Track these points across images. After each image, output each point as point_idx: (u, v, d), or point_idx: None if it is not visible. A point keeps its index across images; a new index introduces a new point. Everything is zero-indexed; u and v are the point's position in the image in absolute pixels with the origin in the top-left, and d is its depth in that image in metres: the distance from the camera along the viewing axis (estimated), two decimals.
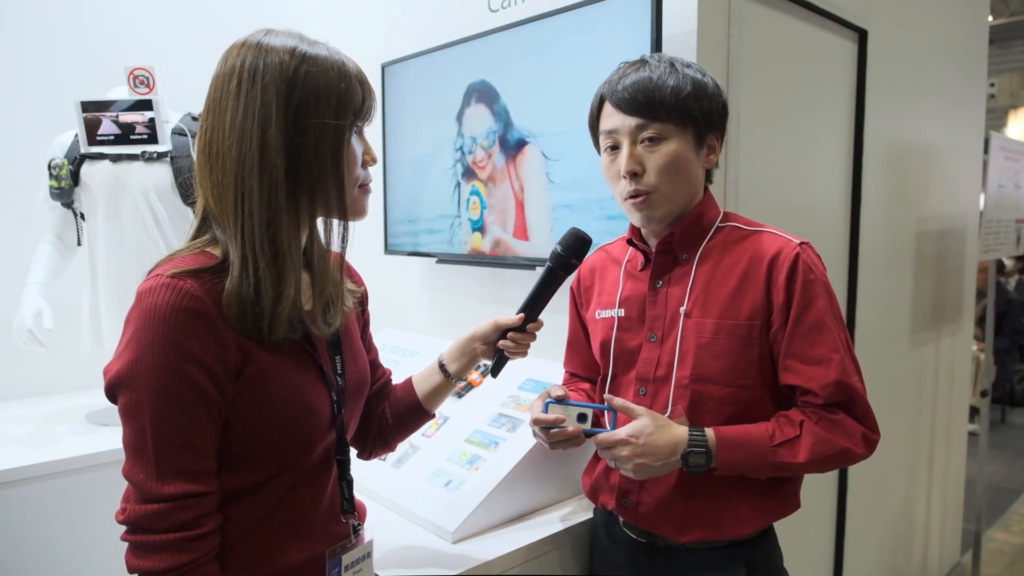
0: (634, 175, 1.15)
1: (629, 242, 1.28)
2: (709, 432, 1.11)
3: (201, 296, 0.85)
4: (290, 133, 0.88)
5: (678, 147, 1.14)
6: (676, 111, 1.13)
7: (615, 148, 1.18)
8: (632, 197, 1.17)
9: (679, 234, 1.20)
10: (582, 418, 1.18)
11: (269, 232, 0.88)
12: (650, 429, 1.11)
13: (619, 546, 1.30)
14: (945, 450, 3.01)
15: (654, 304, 1.22)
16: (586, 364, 1.41)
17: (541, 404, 1.22)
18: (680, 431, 1.12)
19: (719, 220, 1.23)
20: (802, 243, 1.15)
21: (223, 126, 0.88)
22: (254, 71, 0.87)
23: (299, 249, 0.92)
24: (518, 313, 1.19)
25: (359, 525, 1.07)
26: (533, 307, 1.19)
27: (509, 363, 1.22)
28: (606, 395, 1.20)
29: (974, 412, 4.08)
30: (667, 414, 1.17)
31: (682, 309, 1.18)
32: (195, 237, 0.94)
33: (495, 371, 1.24)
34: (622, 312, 1.26)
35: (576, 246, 1.18)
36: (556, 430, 1.19)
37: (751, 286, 1.14)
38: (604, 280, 1.33)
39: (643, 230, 1.25)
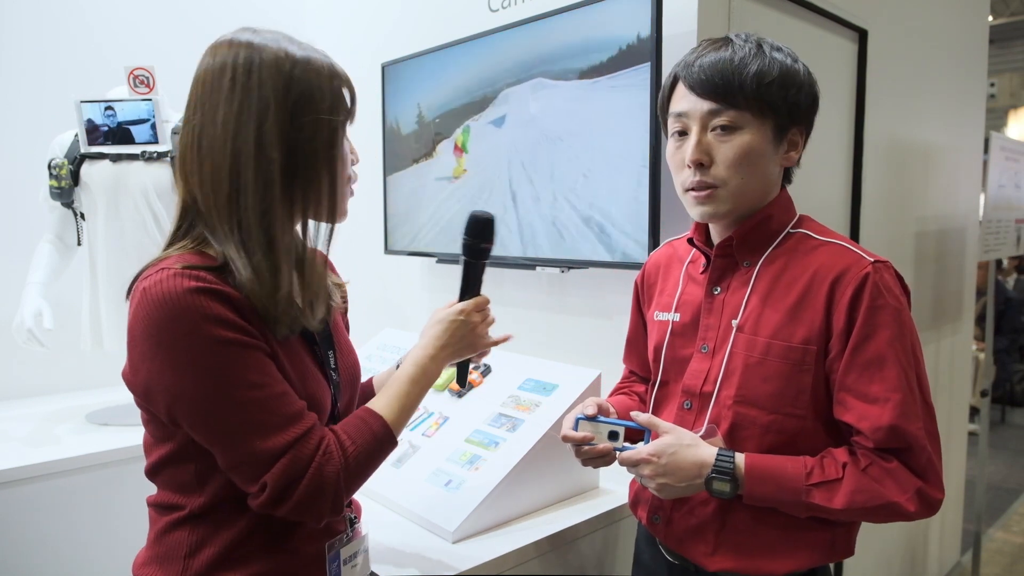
0: (700, 165, 1.05)
1: (689, 241, 1.18)
2: (740, 458, 1.01)
3: (216, 281, 0.84)
4: (287, 128, 0.88)
5: (754, 139, 1.03)
6: (756, 99, 1.01)
7: (683, 133, 1.07)
8: (695, 189, 1.07)
9: (739, 238, 1.09)
10: (613, 436, 1.12)
11: (263, 226, 0.87)
12: (673, 448, 1.03)
13: (656, 564, 1.23)
14: (945, 450, 3.00)
15: (709, 312, 1.12)
16: (644, 364, 1.32)
17: (572, 420, 1.15)
18: (708, 452, 1.02)
19: (791, 225, 1.11)
20: (877, 261, 1.01)
21: (214, 120, 0.87)
22: (249, 67, 0.87)
23: (291, 244, 0.92)
24: None
25: (355, 518, 1.08)
26: (469, 297, 1.14)
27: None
28: (632, 412, 1.11)
29: (974, 412, 4.08)
30: (700, 433, 1.08)
31: (734, 322, 1.08)
32: (179, 237, 0.92)
33: (460, 380, 1.19)
34: (677, 317, 1.17)
35: (478, 228, 1.10)
36: (587, 447, 1.12)
37: (810, 305, 1.02)
38: (667, 279, 1.24)
39: (710, 229, 1.15)
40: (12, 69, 2.31)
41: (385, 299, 2.51)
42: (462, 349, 1.10)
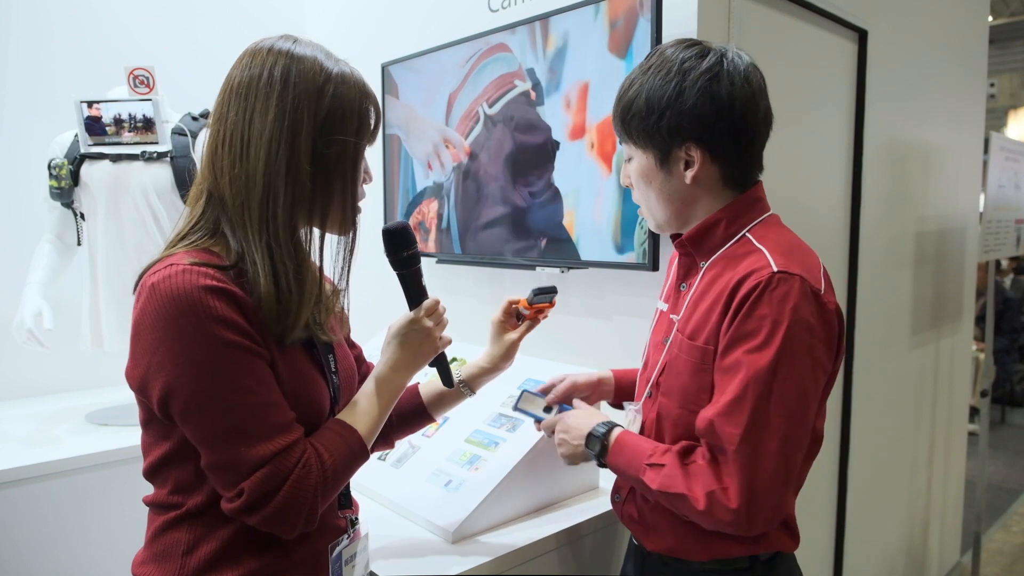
0: (629, 187, 1.18)
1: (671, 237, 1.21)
2: (617, 429, 1.14)
3: (226, 281, 0.86)
4: (318, 144, 0.91)
5: (640, 166, 1.11)
6: (626, 133, 1.11)
7: None
8: None
9: (688, 240, 1.13)
10: (548, 410, 1.31)
11: (292, 234, 0.91)
12: (574, 415, 1.20)
13: (630, 547, 1.30)
14: (945, 450, 3.00)
15: (675, 307, 1.18)
16: None
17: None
18: (599, 418, 1.17)
19: (748, 229, 1.09)
20: (781, 271, 0.97)
21: (251, 122, 0.89)
22: (286, 78, 0.90)
23: (307, 252, 0.95)
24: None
25: (356, 519, 1.09)
26: (417, 304, 1.11)
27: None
28: (575, 398, 1.28)
29: (974, 412, 4.08)
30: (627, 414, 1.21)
31: (674, 317, 1.14)
32: (195, 228, 0.93)
33: (445, 380, 1.19)
34: (665, 307, 1.23)
35: (396, 240, 1.10)
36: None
37: (716, 309, 1.04)
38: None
39: None
40: (12, 69, 2.31)
41: (386, 299, 2.51)
42: (423, 355, 1.09)
